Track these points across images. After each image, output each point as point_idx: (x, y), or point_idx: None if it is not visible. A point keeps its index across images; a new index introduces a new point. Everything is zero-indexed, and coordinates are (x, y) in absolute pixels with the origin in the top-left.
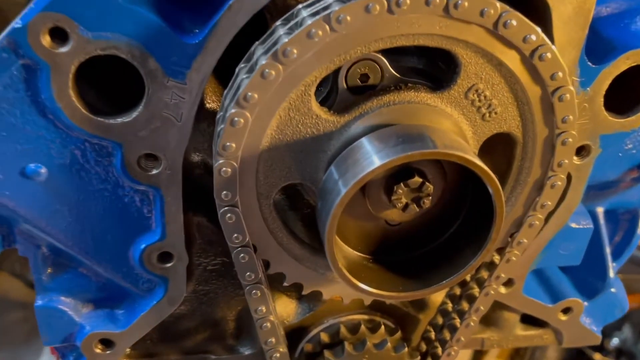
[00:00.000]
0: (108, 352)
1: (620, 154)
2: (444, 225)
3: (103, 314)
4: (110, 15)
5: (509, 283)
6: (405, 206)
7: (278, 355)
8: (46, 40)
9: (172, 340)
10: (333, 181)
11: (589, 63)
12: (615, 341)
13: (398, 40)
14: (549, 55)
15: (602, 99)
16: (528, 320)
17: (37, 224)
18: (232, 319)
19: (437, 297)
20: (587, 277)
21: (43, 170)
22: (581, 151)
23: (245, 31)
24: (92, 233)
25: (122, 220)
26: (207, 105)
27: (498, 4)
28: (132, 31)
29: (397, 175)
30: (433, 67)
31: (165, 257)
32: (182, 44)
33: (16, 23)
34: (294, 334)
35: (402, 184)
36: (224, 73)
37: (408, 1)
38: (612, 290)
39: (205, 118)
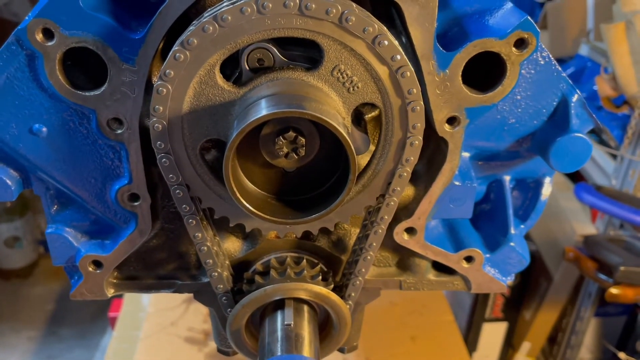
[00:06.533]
0: (98, 271)
1: (505, 128)
2: (328, 175)
3: (95, 243)
4: (80, 19)
5: (410, 231)
6: (287, 154)
7: (216, 274)
8: (39, 36)
9: (148, 268)
10: (231, 133)
11: (442, 50)
12: None
13: (273, 32)
14: (386, 42)
15: (460, 79)
16: (440, 268)
17: (43, 169)
18: (193, 253)
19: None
20: (493, 234)
21: (44, 129)
22: (453, 121)
23: (183, 25)
24: (81, 177)
25: (101, 168)
26: (154, 81)
27: (339, 5)
28: (95, 30)
29: (280, 131)
30: (312, 54)
31: (133, 197)
32: (130, 39)
33: (20, 26)
34: (241, 267)
35: (281, 137)
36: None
37: (270, 5)
38: (512, 244)
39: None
